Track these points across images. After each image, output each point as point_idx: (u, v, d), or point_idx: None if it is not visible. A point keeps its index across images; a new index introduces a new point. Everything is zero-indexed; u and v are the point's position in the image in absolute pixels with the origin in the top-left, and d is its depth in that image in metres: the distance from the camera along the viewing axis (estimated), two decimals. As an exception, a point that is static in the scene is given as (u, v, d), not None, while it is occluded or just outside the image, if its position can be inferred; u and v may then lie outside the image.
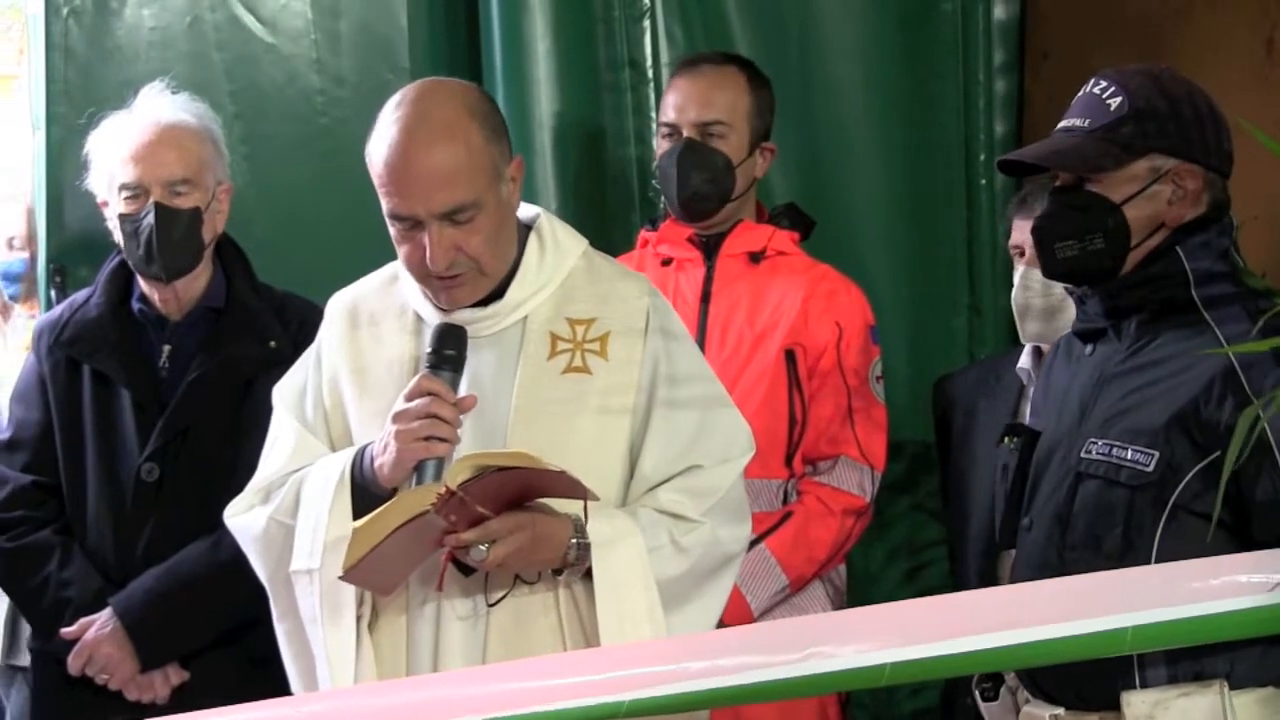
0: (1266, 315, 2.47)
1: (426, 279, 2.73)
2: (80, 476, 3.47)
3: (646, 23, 4.23)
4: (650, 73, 4.23)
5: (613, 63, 4.23)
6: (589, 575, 2.67)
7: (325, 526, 2.71)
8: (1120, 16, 4.03)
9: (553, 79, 4.18)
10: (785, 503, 3.63)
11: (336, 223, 4.04)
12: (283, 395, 2.90)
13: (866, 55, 4.19)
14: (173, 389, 3.45)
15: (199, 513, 3.36)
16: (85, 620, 3.40)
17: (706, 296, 3.69)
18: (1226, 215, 2.75)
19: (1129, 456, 2.64)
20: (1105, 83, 2.75)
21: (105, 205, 3.51)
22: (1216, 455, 2.55)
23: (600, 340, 2.78)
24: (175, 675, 3.43)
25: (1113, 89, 2.73)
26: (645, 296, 2.83)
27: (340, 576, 2.60)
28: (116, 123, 3.51)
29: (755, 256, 3.70)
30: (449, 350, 2.70)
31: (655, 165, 3.83)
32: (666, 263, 3.74)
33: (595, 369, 2.77)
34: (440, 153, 2.64)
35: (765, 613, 3.56)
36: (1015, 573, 2.84)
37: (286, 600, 2.78)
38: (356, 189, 2.77)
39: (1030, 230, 2.87)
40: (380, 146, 2.67)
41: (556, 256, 2.82)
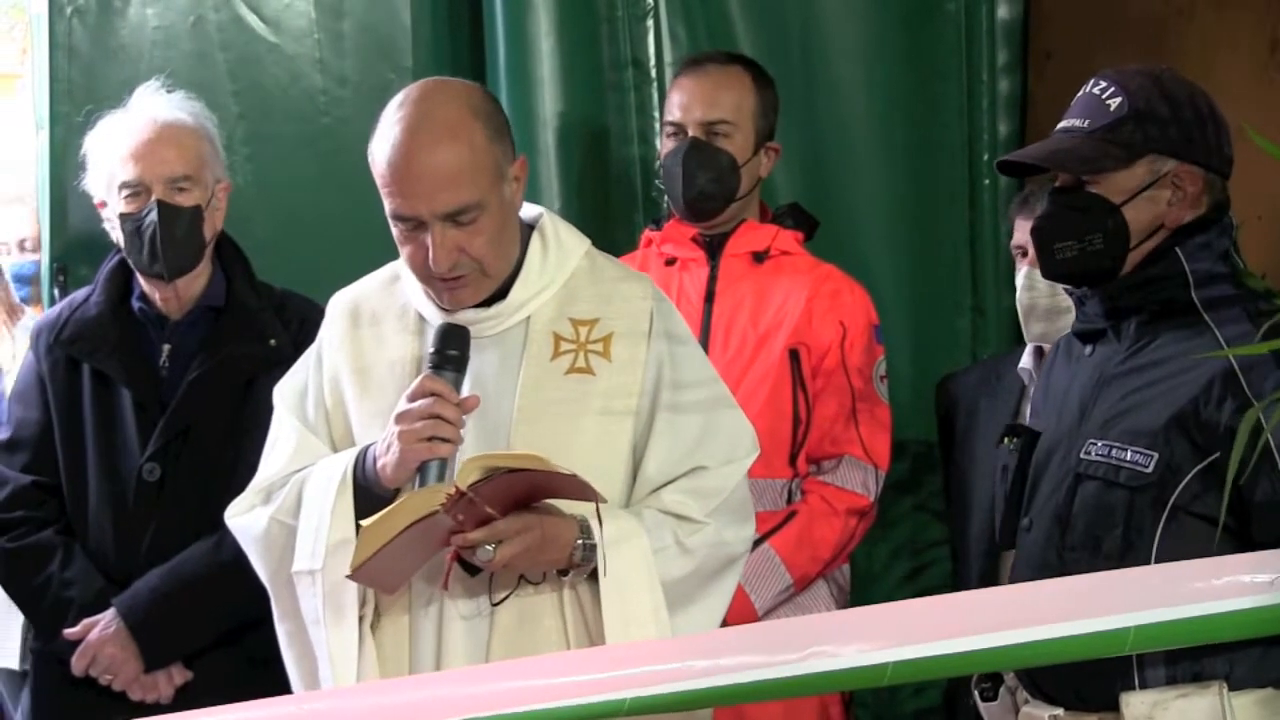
0: (1270, 322, 2.47)
1: (429, 279, 2.72)
2: (81, 476, 3.46)
3: (650, 22, 4.23)
4: (654, 72, 4.23)
5: (616, 62, 4.23)
6: (594, 576, 2.67)
7: (327, 527, 2.70)
8: (1123, 16, 4.03)
9: (556, 78, 4.18)
10: (789, 502, 3.63)
11: (339, 222, 4.04)
12: (284, 395, 2.89)
13: (869, 55, 4.19)
14: (173, 388, 3.44)
15: (200, 512, 3.36)
16: (89, 621, 3.39)
17: (710, 296, 3.68)
18: (1226, 216, 2.75)
19: (1128, 457, 2.64)
20: (1105, 83, 2.75)
21: (103, 205, 3.49)
22: (1216, 456, 2.56)
23: (603, 341, 2.77)
24: (179, 675, 3.42)
25: (1112, 89, 2.73)
26: (649, 298, 2.82)
27: (348, 575, 2.59)
28: (114, 122, 3.49)
29: (759, 256, 3.69)
30: (452, 350, 2.69)
31: (659, 165, 3.82)
32: (670, 262, 3.74)
33: (598, 370, 2.76)
34: (443, 153, 2.63)
35: (769, 612, 3.56)
36: (1015, 573, 2.83)
37: (288, 601, 2.77)
38: (359, 188, 2.77)
39: (1030, 230, 2.86)
40: (383, 147, 2.65)
41: (559, 256, 2.81)
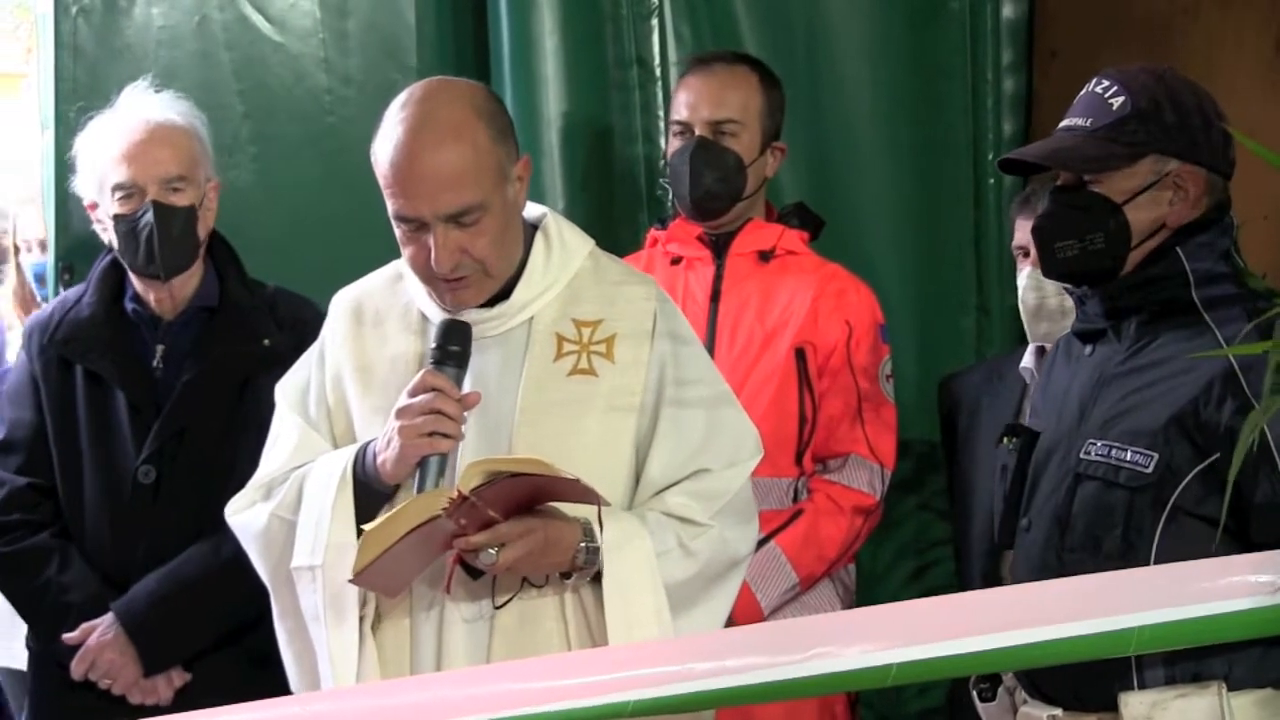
0: (1262, 318, 2.46)
1: (432, 280, 2.71)
2: (76, 478, 3.44)
3: (654, 21, 4.23)
4: (658, 71, 4.23)
5: (621, 61, 4.23)
6: (596, 579, 2.66)
7: (328, 523, 2.69)
8: (1128, 15, 4.03)
9: (561, 77, 4.17)
10: (795, 501, 3.63)
11: (344, 221, 4.04)
12: (285, 392, 2.88)
13: (874, 54, 4.18)
14: (167, 389, 3.42)
15: (197, 514, 3.35)
16: (87, 625, 3.38)
17: (716, 295, 3.68)
18: (1227, 216, 2.74)
19: (1128, 458, 2.63)
20: (1108, 82, 2.74)
21: (94, 207, 3.47)
22: (1216, 457, 2.56)
23: (607, 342, 2.77)
24: (178, 677, 3.41)
25: (1115, 89, 2.72)
26: (652, 299, 2.81)
27: (350, 580, 2.59)
28: (104, 123, 3.47)
29: (765, 255, 3.69)
30: (454, 346, 2.69)
31: (665, 163, 3.82)
32: (676, 261, 3.74)
33: (601, 371, 2.75)
34: (447, 154, 2.61)
35: (775, 611, 3.55)
36: (1014, 573, 2.82)
37: (288, 598, 2.76)
38: (364, 188, 2.76)
39: (1031, 229, 2.85)
40: (386, 147, 2.64)
41: (563, 257, 2.80)
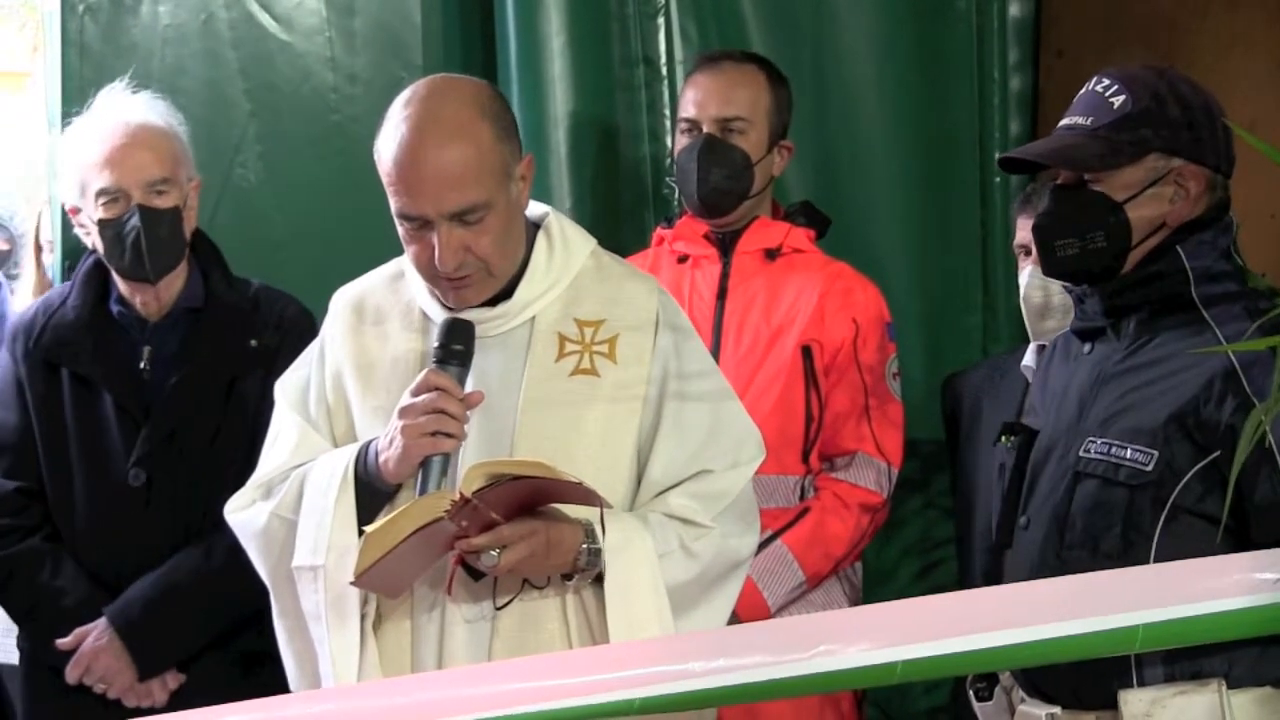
0: (1267, 316, 2.46)
1: (434, 279, 2.70)
2: (66, 482, 3.42)
3: (661, 20, 4.23)
4: (664, 70, 4.22)
5: (627, 60, 4.23)
6: (598, 580, 2.66)
7: (329, 523, 2.68)
8: (1135, 15, 4.03)
9: (567, 76, 4.17)
10: (802, 499, 3.63)
11: (350, 220, 4.03)
12: (285, 391, 2.87)
13: (881, 53, 4.18)
14: (155, 392, 3.41)
15: (188, 516, 3.36)
16: (81, 630, 3.37)
17: (723, 293, 3.68)
18: (1227, 215, 2.74)
19: (1128, 456, 2.63)
20: (1108, 81, 2.74)
21: (75, 212, 3.44)
22: (1217, 455, 2.56)
23: (609, 342, 2.76)
24: (173, 680, 3.40)
25: (1116, 87, 2.72)
26: (654, 297, 2.81)
27: (351, 582, 2.58)
28: (82, 127, 3.45)
29: (771, 253, 3.69)
30: (457, 345, 2.68)
31: (672, 162, 3.82)
32: (682, 260, 3.74)
33: (603, 371, 2.75)
34: (451, 153, 2.61)
35: (782, 609, 3.55)
36: (1012, 572, 2.82)
37: (288, 597, 2.75)
38: (370, 186, 2.76)
39: (1031, 228, 2.85)
40: (390, 145, 2.64)
41: (565, 256, 2.79)
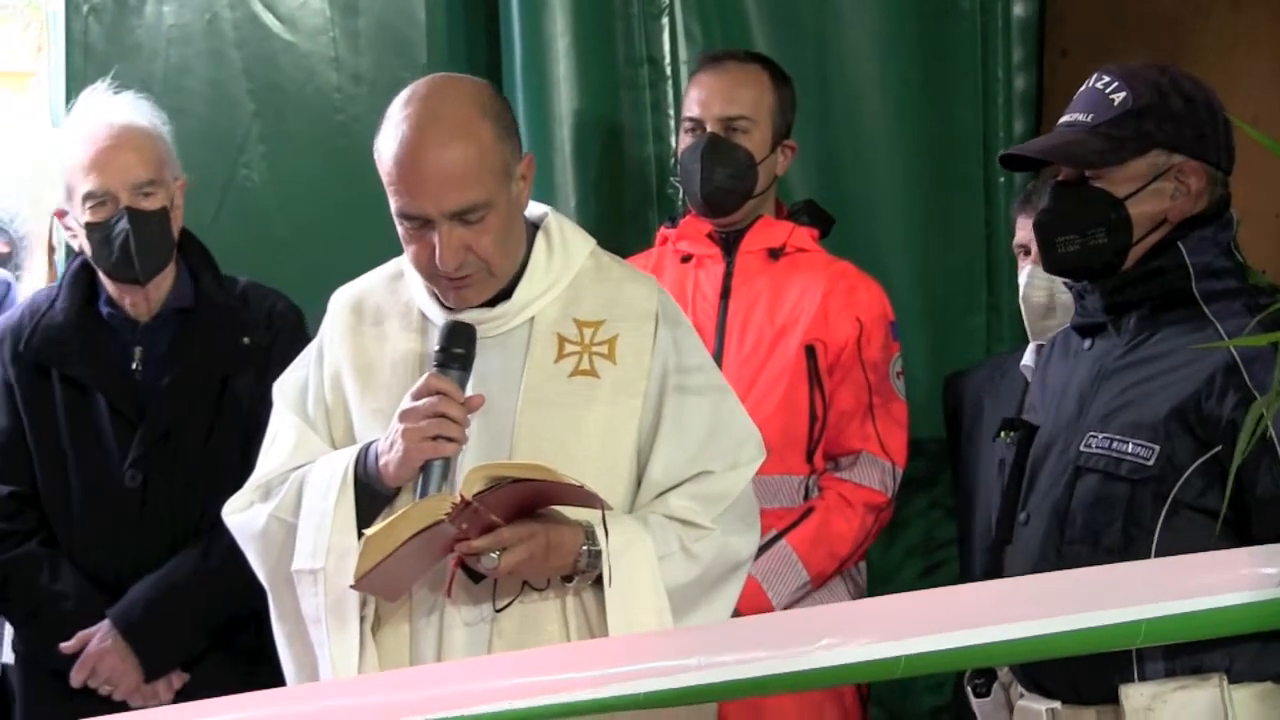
0: (1267, 311, 2.47)
1: (434, 278, 2.70)
2: (61, 485, 3.41)
3: (665, 20, 4.23)
4: (669, 70, 4.22)
5: (631, 60, 4.23)
6: (598, 582, 2.65)
7: (329, 526, 2.68)
8: (1139, 14, 4.02)
9: (572, 76, 4.17)
10: (806, 499, 3.63)
11: (354, 220, 4.03)
12: (283, 391, 2.86)
13: (884, 52, 4.17)
14: (148, 392, 3.40)
15: (185, 516, 3.35)
16: (84, 633, 3.36)
17: (726, 292, 3.68)
18: (1228, 211, 2.75)
19: (1129, 450, 2.63)
20: (1109, 78, 2.74)
21: (62, 215, 3.43)
22: (1218, 450, 2.56)
23: (608, 343, 2.75)
24: (177, 679, 3.40)
25: (1116, 84, 2.73)
26: (654, 298, 2.80)
27: (352, 585, 2.58)
28: (65, 131, 3.43)
29: (775, 253, 3.69)
30: (457, 349, 2.67)
31: (676, 160, 3.82)
32: (686, 259, 3.73)
33: (603, 372, 2.74)
34: (452, 152, 2.60)
35: (786, 609, 3.54)
36: (1012, 567, 2.82)
37: (288, 600, 2.75)
38: (374, 186, 2.76)
39: (1032, 224, 2.85)
40: (390, 144, 2.63)
41: (564, 256, 2.79)
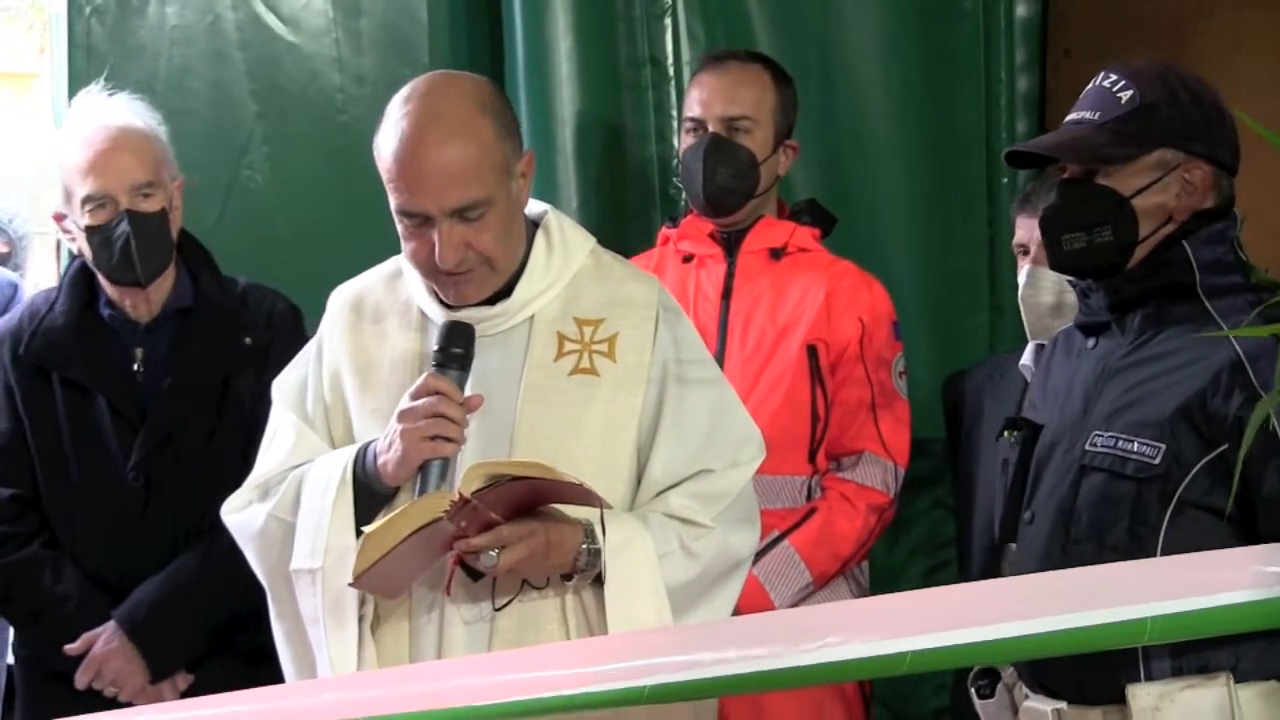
0: (1265, 304, 2.47)
1: (433, 274, 2.69)
2: (63, 488, 3.41)
3: (668, 20, 4.23)
4: (671, 70, 4.23)
5: (634, 60, 4.23)
6: (597, 581, 2.65)
7: (327, 525, 2.67)
8: (1142, 15, 4.02)
9: (574, 76, 4.17)
10: (808, 499, 3.62)
11: (357, 220, 4.03)
12: (282, 390, 2.86)
13: (887, 53, 4.17)
14: (150, 394, 3.40)
15: (187, 517, 3.35)
16: (89, 635, 3.36)
17: (728, 293, 3.68)
18: (1233, 209, 2.75)
19: (1135, 449, 2.64)
20: (1115, 76, 2.75)
21: (60, 219, 3.42)
22: (1224, 448, 2.56)
23: (608, 341, 2.75)
24: (182, 680, 3.41)
25: (1123, 83, 2.74)
26: (654, 296, 2.80)
27: (351, 583, 2.58)
28: (63, 134, 3.43)
29: (776, 253, 3.69)
30: (456, 348, 2.67)
31: (678, 161, 3.82)
32: (688, 259, 3.73)
33: (603, 370, 2.74)
34: (452, 150, 2.60)
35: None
36: (1016, 566, 2.81)
37: (286, 599, 2.74)
38: (376, 187, 2.75)
39: (1038, 222, 2.85)
40: (390, 142, 2.62)
41: (564, 254, 2.78)
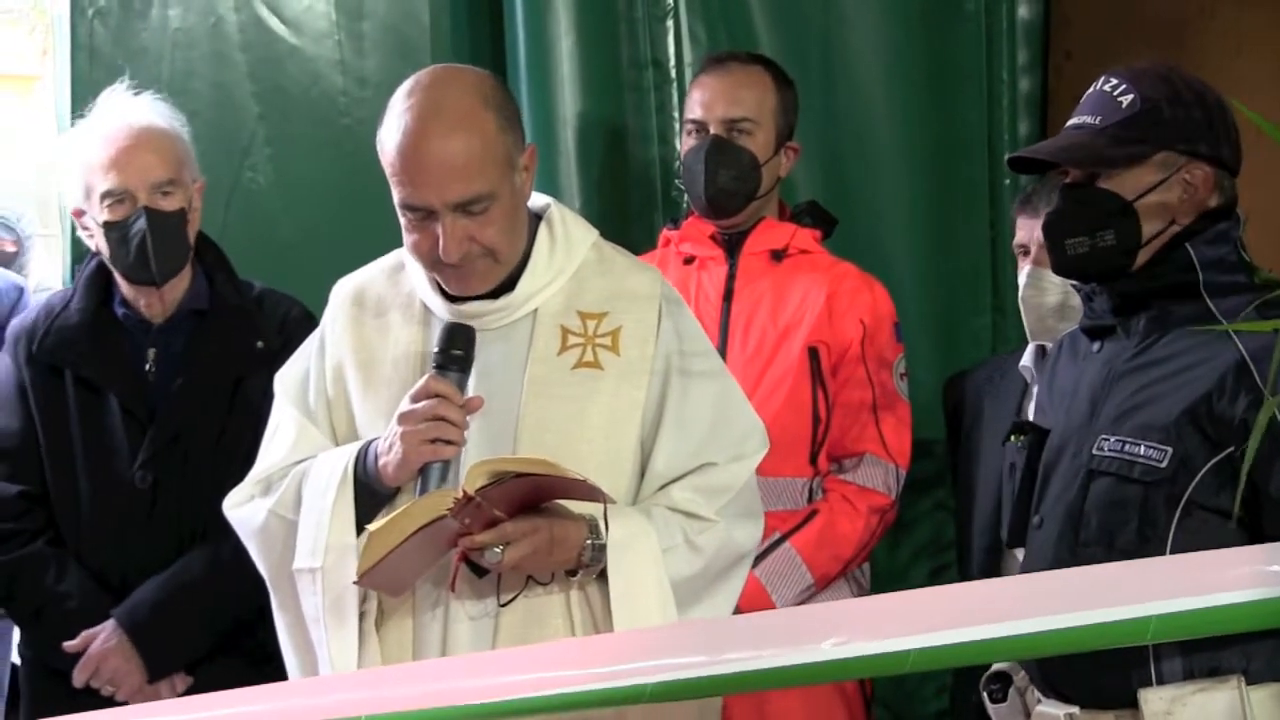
0: (1263, 297, 2.47)
1: (437, 266, 2.69)
2: (71, 485, 3.41)
3: (670, 22, 4.23)
4: (673, 72, 4.23)
5: (636, 62, 4.23)
6: (602, 576, 2.65)
7: (328, 525, 2.68)
8: (1144, 16, 4.03)
9: (576, 78, 4.17)
10: (810, 501, 3.62)
11: (360, 222, 4.02)
12: (284, 384, 2.86)
13: (889, 55, 4.17)
14: (161, 394, 3.40)
15: (194, 518, 3.35)
16: (88, 633, 3.36)
17: (729, 294, 3.68)
18: (1235, 211, 2.75)
19: (1142, 452, 2.64)
20: (1116, 80, 2.76)
21: (80, 214, 3.43)
22: (1231, 450, 2.56)
23: (612, 335, 2.75)
24: (180, 682, 3.40)
25: (1124, 86, 2.74)
26: (657, 289, 2.80)
27: (355, 581, 2.58)
28: (85, 130, 3.44)
29: (777, 255, 3.69)
30: (456, 350, 2.67)
31: (680, 162, 3.82)
32: (689, 261, 3.73)
33: (606, 364, 2.74)
34: (455, 143, 2.60)
35: (790, 610, 3.55)
36: (1027, 571, 2.80)
37: (288, 594, 2.75)
38: (380, 189, 2.75)
39: (1041, 226, 2.86)
40: (393, 135, 2.63)
41: (567, 247, 2.78)
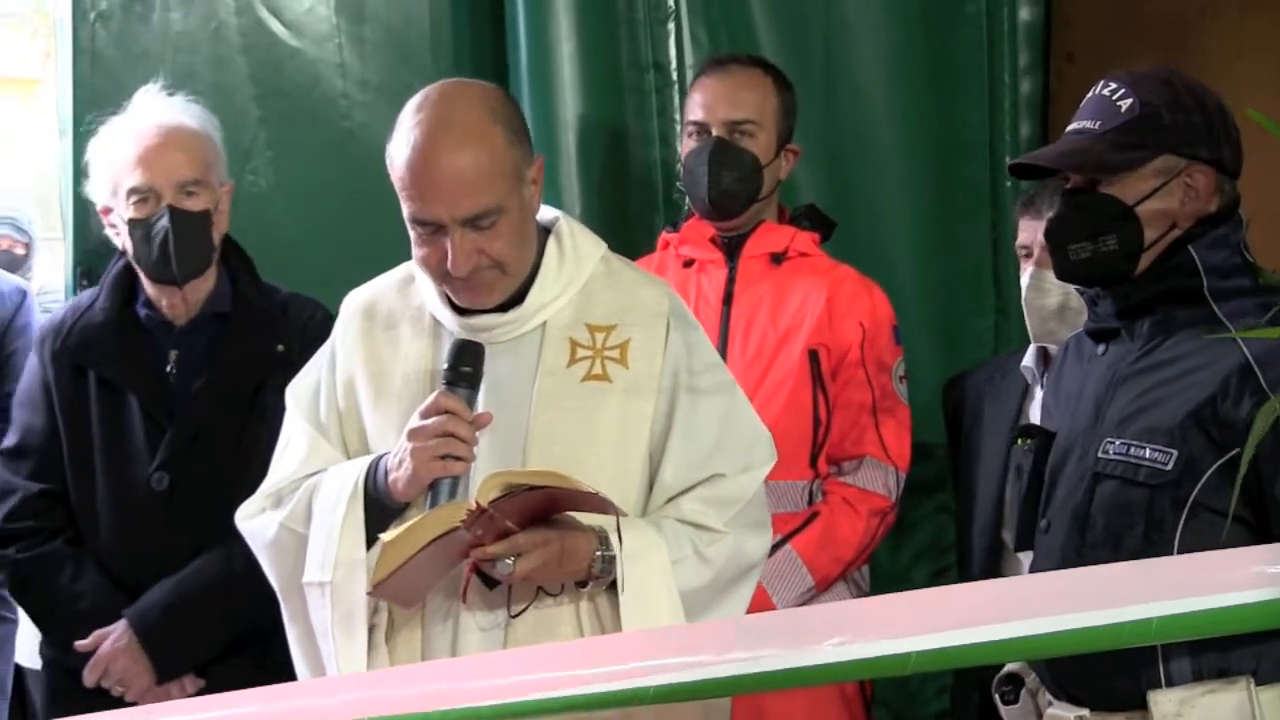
0: (1275, 310, 2.47)
1: (446, 279, 2.70)
2: (89, 485, 3.42)
3: (671, 25, 4.23)
4: (675, 75, 4.22)
5: (637, 65, 4.23)
6: (612, 587, 2.66)
7: (338, 539, 2.68)
8: (1145, 18, 4.03)
9: (577, 81, 4.17)
10: (810, 503, 3.63)
11: (361, 226, 4.04)
12: (296, 396, 2.87)
13: (891, 57, 4.17)
14: (181, 395, 3.42)
15: (210, 520, 3.34)
16: (100, 633, 3.37)
17: (729, 298, 3.68)
18: (1237, 212, 2.76)
19: (1147, 455, 2.64)
20: (1115, 84, 2.76)
21: (107, 212, 3.45)
22: (1236, 452, 2.56)
23: (620, 348, 2.76)
24: (191, 684, 3.40)
25: (1123, 91, 2.74)
26: (665, 302, 2.81)
27: (368, 592, 2.59)
28: (117, 127, 3.46)
29: (777, 258, 3.69)
30: (465, 367, 2.68)
31: (681, 165, 3.82)
32: (688, 264, 3.74)
33: (615, 376, 2.75)
34: (464, 158, 2.61)
35: (790, 613, 3.55)
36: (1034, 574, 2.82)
37: (299, 606, 2.76)
38: (381, 192, 2.77)
39: (1043, 232, 2.87)
40: (402, 150, 2.64)
41: (575, 261, 2.79)
